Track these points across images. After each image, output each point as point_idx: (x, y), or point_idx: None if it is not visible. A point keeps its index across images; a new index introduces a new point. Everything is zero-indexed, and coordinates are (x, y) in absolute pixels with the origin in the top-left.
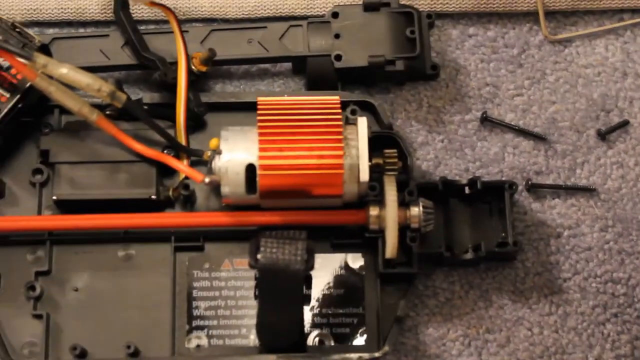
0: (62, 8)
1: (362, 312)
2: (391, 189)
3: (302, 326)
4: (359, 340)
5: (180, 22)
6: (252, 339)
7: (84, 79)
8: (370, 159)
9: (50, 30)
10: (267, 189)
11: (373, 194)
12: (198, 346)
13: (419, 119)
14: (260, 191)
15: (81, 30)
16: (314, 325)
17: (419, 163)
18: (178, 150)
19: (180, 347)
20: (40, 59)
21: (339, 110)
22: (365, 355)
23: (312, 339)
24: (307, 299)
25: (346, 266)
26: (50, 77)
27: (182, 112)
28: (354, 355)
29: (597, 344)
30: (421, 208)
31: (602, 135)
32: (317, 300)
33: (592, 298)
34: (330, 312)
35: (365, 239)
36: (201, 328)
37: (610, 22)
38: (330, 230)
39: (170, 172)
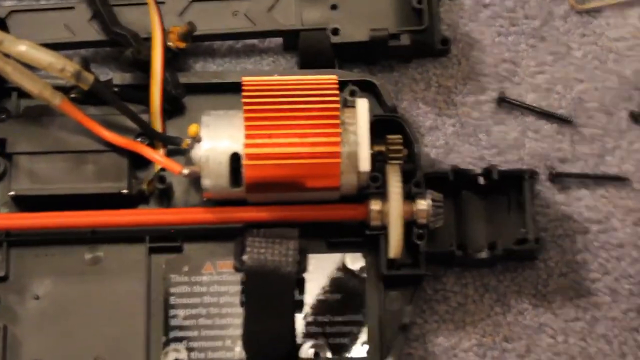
0: None
1: (362, 320)
2: (395, 180)
3: (294, 336)
4: (359, 352)
5: None
6: (238, 352)
7: (45, 57)
8: (371, 146)
9: (7, 3)
10: (253, 181)
11: (375, 185)
12: None
13: (427, 100)
14: (246, 184)
15: (42, 2)
16: (308, 335)
17: (427, 150)
18: (153, 138)
19: None
20: None
21: (336, 92)
22: None
23: (306, 350)
24: (299, 306)
25: (344, 268)
26: (7, 55)
27: (158, 94)
28: None
29: (630, 353)
30: (429, 201)
31: (636, 118)
32: (312, 306)
33: (624, 301)
34: (326, 319)
35: (366, 237)
36: (180, 340)
37: None
38: (326, 227)
39: (144, 163)
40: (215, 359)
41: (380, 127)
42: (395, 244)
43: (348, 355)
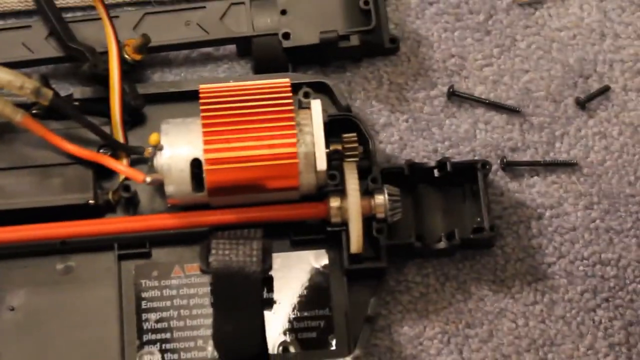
0: None
1: (329, 314)
2: (352, 177)
3: (264, 334)
4: (328, 345)
5: (108, 7)
6: (210, 351)
7: (3, 76)
8: (327, 145)
9: None
10: (215, 185)
11: (333, 183)
12: None
13: (380, 98)
14: (208, 188)
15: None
16: (277, 332)
17: (382, 146)
18: (115, 149)
19: None
20: None
21: (290, 94)
22: None
23: (276, 347)
24: (268, 304)
25: (309, 265)
26: None
27: (117, 106)
28: None
29: (589, 333)
30: (387, 196)
31: (582, 104)
32: (279, 304)
33: (580, 283)
34: (294, 316)
35: (327, 233)
36: (153, 342)
37: None
38: (289, 226)
39: (109, 173)
40: (188, 359)
41: (336, 126)
42: (355, 239)
43: (316, 349)
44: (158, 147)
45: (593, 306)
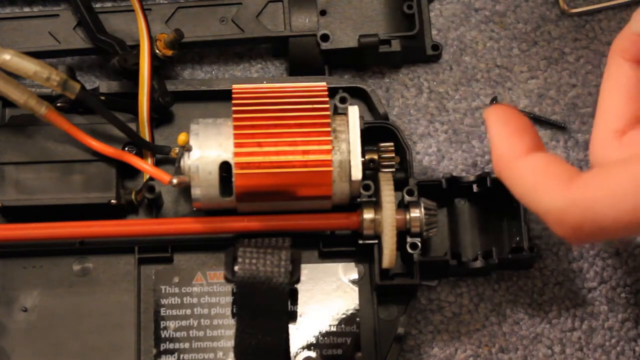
0: None
1: (356, 331)
2: (388, 189)
3: (287, 348)
4: None
5: None
6: None
7: (30, 66)
8: (363, 154)
9: None
10: (244, 190)
11: (367, 194)
12: None
13: (419, 107)
14: (236, 193)
15: (26, 9)
16: (301, 347)
17: (419, 158)
18: (141, 147)
19: None
20: None
21: (326, 99)
22: None
23: None
24: (292, 317)
25: (337, 278)
26: None
27: (146, 103)
28: None
29: None
30: (423, 210)
31: None
32: (304, 317)
33: (621, 311)
34: (319, 331)
35: (358, 246)
36: (171, 352)
37: None
38: (318, 237)
39: (133, 172)
40: None
41: (372, 135)
42: (388, 254)
43: None
44: (186, 148)
45: (634, 336)
